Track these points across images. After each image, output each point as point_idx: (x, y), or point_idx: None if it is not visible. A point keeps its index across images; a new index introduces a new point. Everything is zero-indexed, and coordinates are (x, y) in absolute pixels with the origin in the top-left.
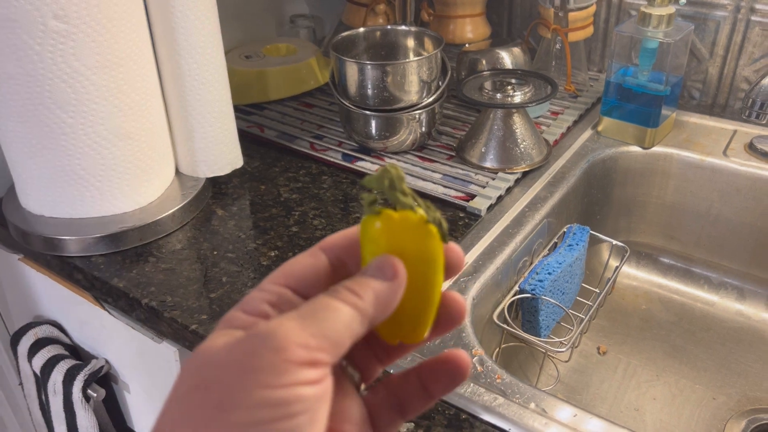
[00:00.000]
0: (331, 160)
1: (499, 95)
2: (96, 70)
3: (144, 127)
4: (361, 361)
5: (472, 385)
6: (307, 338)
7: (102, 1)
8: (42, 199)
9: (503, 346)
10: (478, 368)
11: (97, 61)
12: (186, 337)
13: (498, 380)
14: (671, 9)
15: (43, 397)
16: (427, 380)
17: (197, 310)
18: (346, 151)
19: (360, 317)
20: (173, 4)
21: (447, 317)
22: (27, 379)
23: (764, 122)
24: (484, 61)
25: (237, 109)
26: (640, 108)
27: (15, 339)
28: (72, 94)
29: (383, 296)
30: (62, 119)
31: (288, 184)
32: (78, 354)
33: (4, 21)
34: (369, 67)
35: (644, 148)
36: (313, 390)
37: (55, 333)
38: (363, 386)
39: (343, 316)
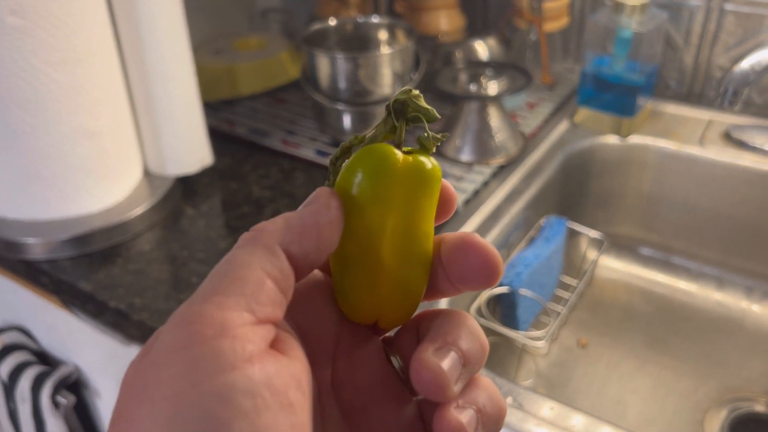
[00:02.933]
0: (304, 156)
1: (473, 87)
2: (56, 67)
3: (109, 125)
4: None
5: None
6: (226, 309)
7: None
8: (4, 200)
9: None
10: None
11: (57, 57)
12: None
13: None
14: None
15: (11, 404)
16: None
17: (166, 311)
18: (319, 147)
19: (264, 250)
20: (137, 2)
21: (466, 272)
22: None
23: (737, 109)
24: (458, 53)
25: (207, 105)
26: (616, 98)
27: None
28: (32, 92)
29: (284, 219)
30: (22, 118)
31: (260, 182)
32: (47, 360)
33: None
34: (340, 59)
35: (621, 138)
36: (263, 370)
37: (22, 339)
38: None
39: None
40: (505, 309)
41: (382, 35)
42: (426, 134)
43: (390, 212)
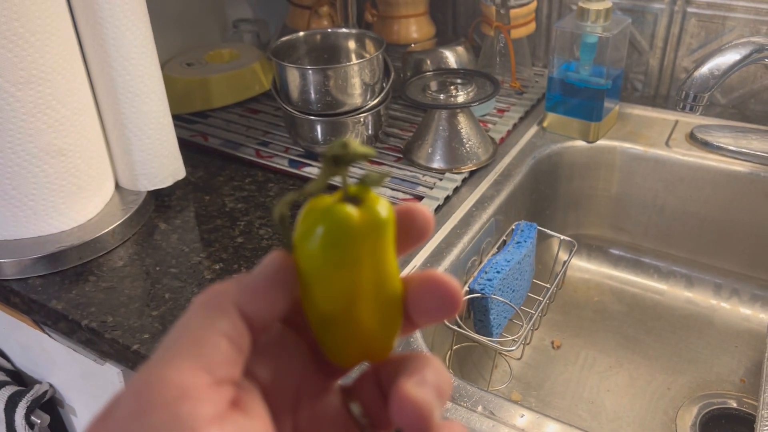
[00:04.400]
0: (278, 166)
1: (442, 96)
2: (21, 86)
3: (77, 142)
4: (374, 406)
5: None
6: (184, 372)
7: (23, 15)
8: None
9: (455, 347)
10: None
11: (21, 76)
12: (128, 357)
13: None
14: (608, 3)
15: None
16: None
17: (139, 329)
18: (292, 157)
19: (218, 311)
20: (101, 15)
21: (430, 308)
22: None
23: (698, 113)
24: (428, 61)
25: (180, 118)
26: (583, 102)
27: None
28: None
29: (238, 281)
30: None
31: (233, 194)
32: (21, 379)
33: None
34: (310, 71)
35: (589, 142)
36: (222, 431)
37: None
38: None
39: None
40: (478, 314)
41: (352, 45)
42: (368, 175)
43: (359, 271)
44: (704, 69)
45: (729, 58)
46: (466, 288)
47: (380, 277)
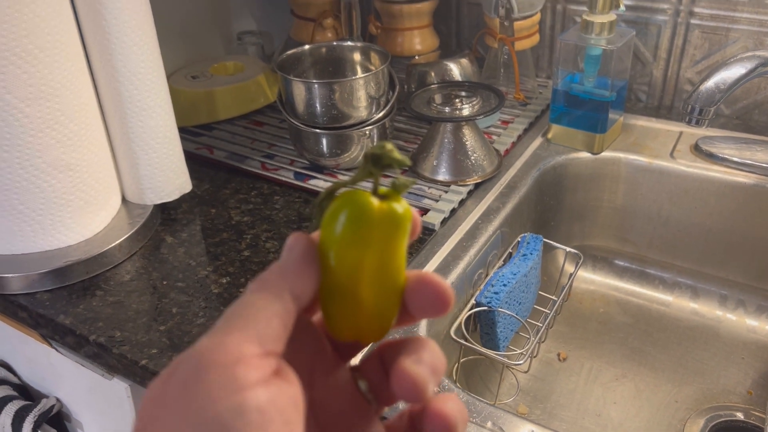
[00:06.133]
0: (283, 179)
1: (447, 108)
2: (30, 102)
3: (85, 157)
4: (379, 384)
5: None
6: (241, 342)
7: (32, 32)
8: None
9: (462, 360)
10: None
11: (30, 92)
12: (136, 372)
13: None
14: (612, 16)
15: None
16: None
17: (147, 344)
18: (298, 170)
19: (272, 295)
20: (109, 31)
21: (423, 304)
22: None
23: (704, 127)
24: (433, 73)
25: (185, 130)
26: (588, 114)
27: None
28: (6, 128)
29: (279, 267)
30: None
31: (239, 207)
32: (28, 393)
33: None
34: (316, 85)
35: (593, 154)
36: (268, 392)
37: (2, 373)
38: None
39: (262, 308)
40: (484, 327)
41: (357, 58)
42: (398, 180)
43: (367, 252)
44: (710, 83)
45: (734, 72)
46: (472, 301)
47: (386, 265)
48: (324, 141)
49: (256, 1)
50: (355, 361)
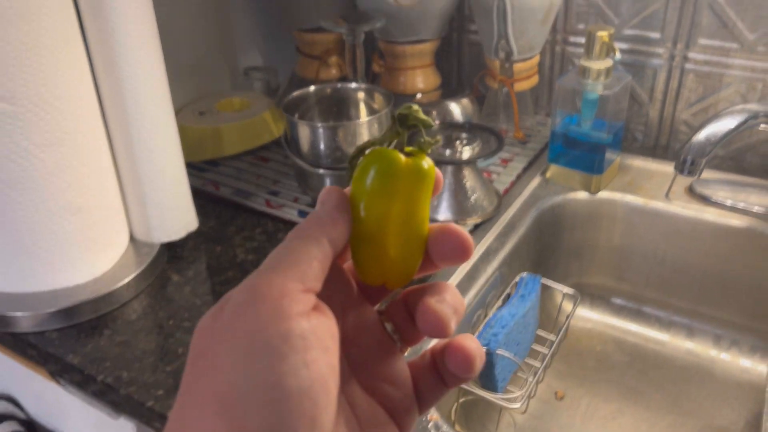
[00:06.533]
0: (288, 217)
1: (448, 151)
2: (44, 148)
3: (96, 199)
4: (403, 326)
5: None
6: (286, 279)
7: (48, 81)
8: None
9: (461, 400)
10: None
11: (45, 138)
12: (143, 413)
13: None
14: (608, 62)
15: None
16: (440, 365)
17: (154, 384)
18: (302, 207)
19: (312, 240)
20: (122, 77)
21: (445, 252)
22: None
23: (696, 177)
24: (434, 113)
25: (192, 166)
26: (585, 155)
27: None
28: (21, 172)
29: (316, 216)
30: (11, 197)
31: (244, 244)
32: (35, 429)
33: None
34: (321, 128)
35: (591, 194)
36: (309, 323)
37: (10, 408)
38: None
39: (304, 251)
40: (483, 369)
41: (360, 96)
42: (423, 139)
43: (394, 202)
44: (701, 136)
45: (725, 125)
46: None
47: (411, 216)
48: (328, 181)
49: (262, 37)
50: (382, 307)
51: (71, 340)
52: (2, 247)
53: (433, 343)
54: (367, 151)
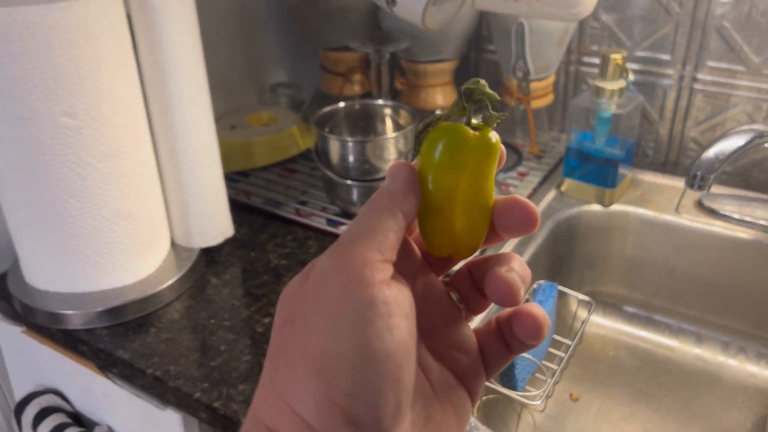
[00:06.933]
0: (316, 225)
1: None
2: (101, 159)
3: (143, 206)
4: (468, 295)
5: None
6: (367, 250)
7: (106, 98)
8: (46, 275)
9: (483, 398)
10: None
11: (101, 150)
12: (190, 404)
13: None
14: (622, 83)
15: None
16: (507, 331)
17: (199, 378)
18: (330, 216)
19: (387, 213)
20: (170, 94)
21: (512, 223)
22: None
23: (705, 191)
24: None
25: (224, 177)
26: (599, 170)
27: (19, 408)
28: (79, 181)
29: (389, 190)
30: (70, 204)
31: (276, 250)
32: (80, 421)
33: (18, 119)
34: (350, 143)
35: (604, 206)
36: (390, 290)
37: (57, 401)
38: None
39: (381, 224)
40: (505, 369)
41: (387, 112)
42: (489, 113)
43: (462, 175)
44: (710, 153)
45: (732, 143)
46: None
47: (477, 188)
48: (355, 192)
49: (288, 55)
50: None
51: (120, 337)
52: (58, 250)
53: (496, 311)
54: (432, 126)
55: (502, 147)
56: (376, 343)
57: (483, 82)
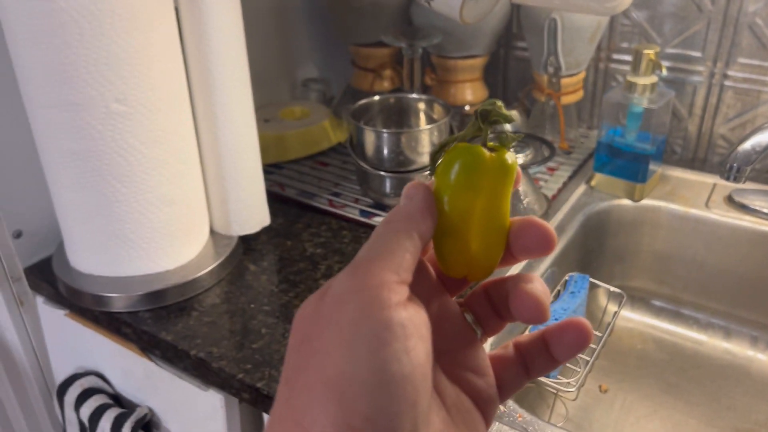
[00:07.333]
0: (350, 216)
1: None
2: (148, 145)
3: (186, 193)
4: (483, 316)
5: (497, 423)
6: (383, 271)
7: (154, 86)
8: (91, 259)
9: None
10: (501, 408)
11: (148, 137)
12: (233, 384)
13: (519, 419)
14: (654, 78)
15: None
16: (552, 344)
17: (242, 360)
18: (363, 207)
19: (404, 234)
20: (213, 84)
21: (528, 245)
22: (72, 428)
23: (741, 183)
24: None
25: None
26: (629, 164)
27: (62, 389)
28: (127, 167)
29: (406, 210)
30: (117, 189)
31: (312, 240)
32: (120, 403)
33: (71, 105)
34: (385, 134)
35: (634, 201)
36: (407, 312)
37: (99, 383)
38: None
39: (397, 244)
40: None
41: (420, 107)
42: (505, 134)
43: (479, 196)
44: (747, 145)
45: None
46: (527, 333)
47: (493, 209)
48: (388, 182)
49: (319, 51)
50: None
51: (162, 319)
52: (104, 234)
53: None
54: (448, 147)
55: (518, 168)
56: (393, 366)
57: (499, 103)
